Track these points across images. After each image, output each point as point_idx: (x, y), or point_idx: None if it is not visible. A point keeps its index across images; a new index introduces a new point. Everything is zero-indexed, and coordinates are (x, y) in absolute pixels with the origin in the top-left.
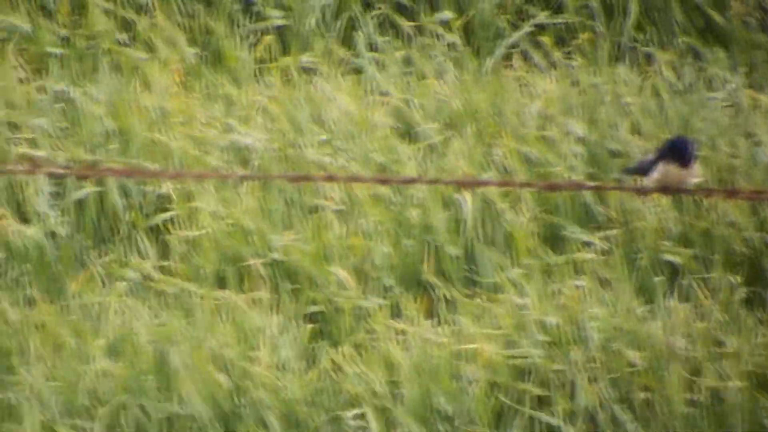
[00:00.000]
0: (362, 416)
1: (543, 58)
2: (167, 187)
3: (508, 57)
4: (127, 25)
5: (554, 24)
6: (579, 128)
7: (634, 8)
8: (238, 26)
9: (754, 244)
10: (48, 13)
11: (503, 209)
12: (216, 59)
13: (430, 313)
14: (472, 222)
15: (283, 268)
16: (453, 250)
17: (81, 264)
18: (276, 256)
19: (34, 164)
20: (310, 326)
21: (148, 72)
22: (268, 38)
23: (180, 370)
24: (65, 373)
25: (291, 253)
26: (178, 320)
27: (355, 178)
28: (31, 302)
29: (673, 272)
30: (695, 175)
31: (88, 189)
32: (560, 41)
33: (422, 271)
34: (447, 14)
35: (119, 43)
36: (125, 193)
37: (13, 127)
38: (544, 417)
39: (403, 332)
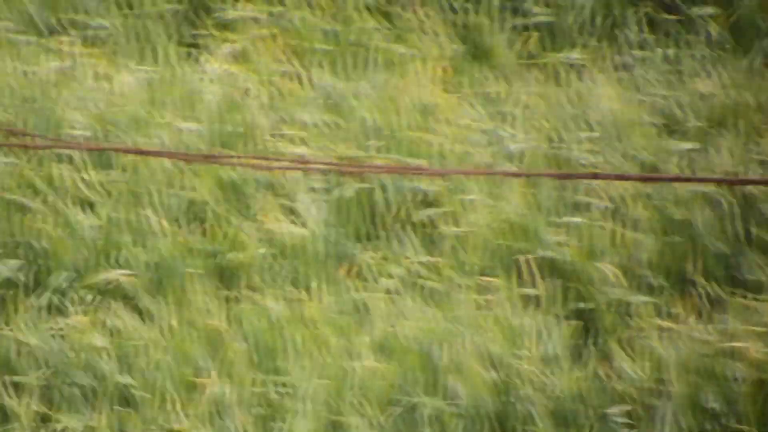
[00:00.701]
0: (628, 413)
1: None
2: (432, 183)
3: None
4: (390, 21)
5: None
6: None
7: None
8: (503, 23)
9: None
10: (313, 9)
11: (767, 207)
12: (480, 55)
13: (695, 311)
14: (737, 220)
15: (551, 264)
16: (717, 248)
17: (347, 260)
18: (545, 253)
19: (301, 160)
20: (575, 323)
21: (412, 68)
22: (533, 34)
23: (447, 367)
24: (332, 371)
25: (559, 250)
26: (445, 317)
27: (620, 176)
28: (296, 299)
29: None
30: None
31: (354, 185)
32: None
33: (687, 269)
34: (711, 10)
35: (383, 38)
36: (390, 189)
37: (281, 122)
38: None
39: (669, 329)
